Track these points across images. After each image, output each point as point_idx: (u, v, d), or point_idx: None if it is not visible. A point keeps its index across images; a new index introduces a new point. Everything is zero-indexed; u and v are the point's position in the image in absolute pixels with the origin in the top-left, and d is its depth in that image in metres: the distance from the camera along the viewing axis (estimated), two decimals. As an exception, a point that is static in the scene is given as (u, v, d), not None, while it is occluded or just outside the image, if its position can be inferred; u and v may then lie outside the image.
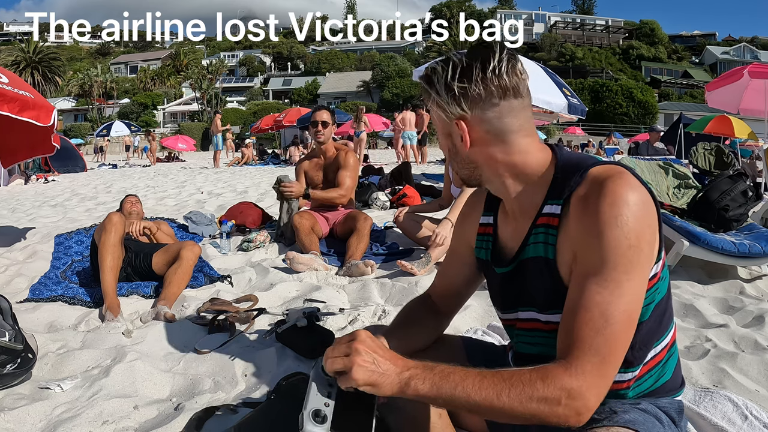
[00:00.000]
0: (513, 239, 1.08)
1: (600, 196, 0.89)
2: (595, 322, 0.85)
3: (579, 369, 0.83)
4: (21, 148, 4.04)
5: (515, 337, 1.14)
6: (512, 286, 1.09)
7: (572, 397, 0.82)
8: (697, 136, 13.09)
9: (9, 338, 1.75)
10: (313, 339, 1.97)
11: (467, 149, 1.01)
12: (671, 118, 26.11)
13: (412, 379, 0.87)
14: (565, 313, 0.91)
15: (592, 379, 0.83)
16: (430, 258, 2.97)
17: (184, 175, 11.80)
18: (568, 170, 0.99)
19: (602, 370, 0.84)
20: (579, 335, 0.86)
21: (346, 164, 3.62)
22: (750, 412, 1.45)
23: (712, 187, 3.35)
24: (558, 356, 0.88)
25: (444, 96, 0.99)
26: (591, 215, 0.90)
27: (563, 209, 0.97)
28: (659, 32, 54.58)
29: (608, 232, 0.87)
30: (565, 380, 0.82)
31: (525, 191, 1.03)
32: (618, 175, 0.91)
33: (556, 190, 0.99)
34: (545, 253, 0.99)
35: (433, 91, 1.00)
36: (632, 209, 0.88)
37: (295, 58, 56.87)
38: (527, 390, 0.82)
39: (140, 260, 2.85)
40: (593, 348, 0.84)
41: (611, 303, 0.86)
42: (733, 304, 2.47)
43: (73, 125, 39.07)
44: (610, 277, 0.86)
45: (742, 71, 6.95)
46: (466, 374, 0.86)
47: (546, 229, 0.99)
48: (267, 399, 1.44)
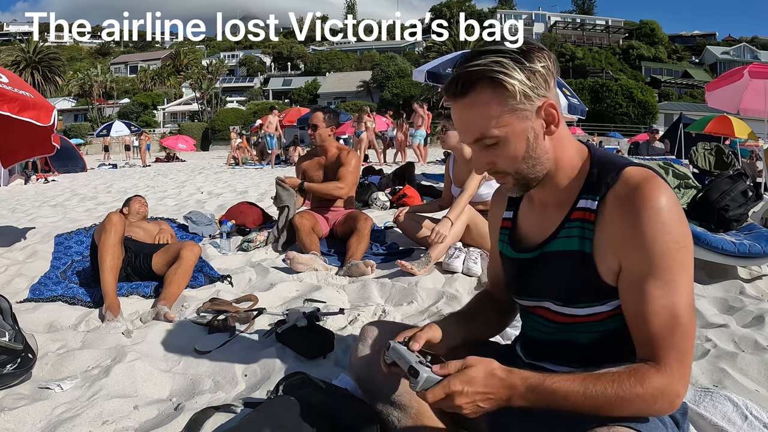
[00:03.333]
0: (538, 229, 1.10)
1: (642, 203, 0.93)
2: (668, 323, 0.92)
3: (667, 368, 0.91)
4: (21, 148, 4.04)
5: (530, 324, 1.18)
6: (529, 274, 1.11)
7: (666, 394, 0.91)
8: (697, 136, 13.09)
9: (9, 338, 1.74)
10: (313, 339, 1.96)
11: (552, 134, 1.00)
12: (671, 118, 26.11)
13: (517, 401, 0.93)
14: (635, 321, 0.96)
15: (679, 372, 0.92)
16: (430, 258, 2.97)
17: (184, 175, 11.80)
18: (603, 167, 1.02)
19: (685, 361, 0.93)
20: (658, 338, 0.93)
21: (347, 162, 3.62)
22: (750, 412, 1.45)
23: (712, 187, 3.35)
24: (641, 356, 0.95)
25: (533, 78, 0.95)
26: (635, 223, 0.94)
27: (599, 206, 0.99)
28: (659, 32, 54.57)
29: (658, 239, 0.92)
30: (658, 381, 0.90)
31: (561, 182, 1.04)
32: (654, 179, 0.95)
33: (591, 185, 1.01)
34: (581, 246, 1.01)
35: (515, 80, 0.93)
36: (673, 213, 0.93)
37: (295, 58, 56.86)
38: (629, 396, 0.90)
39: (140, 260, 2.85)
40: (673, 346, 0.92)
41: (676, 302, 0.92)
42: (733, 304, 2.47)
43: (73, 125, 38.99)
44: (668, 279, 0.92)
45: (742, 71, 6.94)
46: (567, 392, 0.91)
47: (582, 223, 1.01)
48: (267, 399, 1.44)
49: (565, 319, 1.07)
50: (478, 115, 0.96)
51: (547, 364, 1.14)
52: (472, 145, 1.01)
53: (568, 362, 1.11)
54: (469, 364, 0.94)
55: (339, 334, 2.14)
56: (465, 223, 3.15)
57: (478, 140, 0.99)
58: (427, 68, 7.07)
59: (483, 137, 0.97)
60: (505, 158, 0.99)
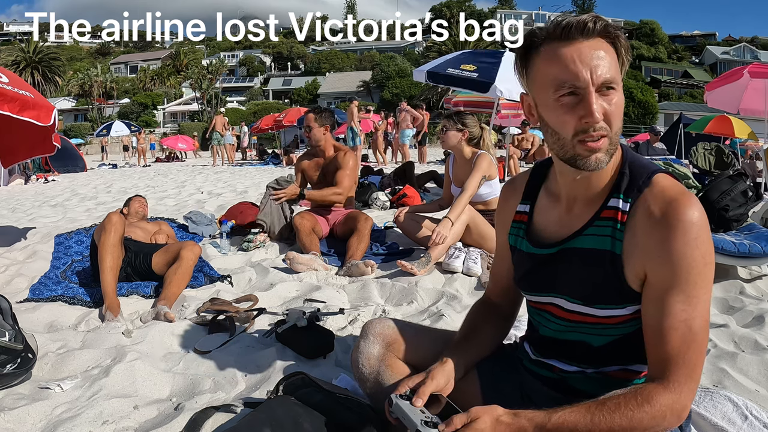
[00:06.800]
0: (560, 224, 1.09)
1: (676, 217, 0.93)
2: (684, 338, 0.92)
3: (676, 383, 0.92)
4: (21, 148, 4.04)
5: (539, 321, 1.16)
6: (545, 270, 1.10)
7: (674, 410, 0.92)
8: (697, 136, 13.09)
9: (9, 338, 1.74)
10: (313, 339, 1.96)
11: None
12: (671, 118, 26.11)
13: None
14: (652, 334, 0.96)
15: (687, 387, 0.93)
16: (430, 258, 2.97)
17: (184, 175, 11.80)
18: (636, 169, 1.01)
19: (694, 375, 0.94)
20: (672, 353, 0.93)
21: (345, 164, 3.62)
22: (750, 412, 1.45)
23: (712, 187, 3.35)
24: (652, 374, 0.96)
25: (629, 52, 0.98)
26: (667, 237, 0.93)
27: (631, 208, 0.99)
28: (659, 32, 54.56)
29: (688, 255, 0.92)
30: (666, 398, 0.91)
31: (598, 177, 1.02)
32: (689, 195, 0.96)
33: (623, 185, 1.01)
34: (612, 247, 1.00)
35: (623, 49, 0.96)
36: (704, 230, 0.94)
37: (295, 58, 56.86)
38: (637, 417, 0.90)
39: (140, 260, 2.85)
40: (685, 361, 0.92)
41: (695, 318, 0.93)
42: (733, 304, 2.48)
43: (73, 125, 39.01)
44: (692, 294, 0.93)
45: (742, 71, 6.93)
46: (576, 424, 0.91)
47: (614, 223, 1.00)
48: (267, 399, 1.44)
49: (579, 317, 1.06)
50: (610, 60, 0.94)
51: (556, 362, 1.13)
52: (594, 90, 0.93)
53: (578, 361, 1.09)
54: (475, 417, 0.94)
55: (339, 334, 2.14)
56: (465, 223, 3.15)
57: (604, 83, 0.93)
58: (427, 68, 7.06)
59: (611, 80, 0.93)
60: (617, 107, 0.95)
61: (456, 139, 3.39)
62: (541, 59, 0.97)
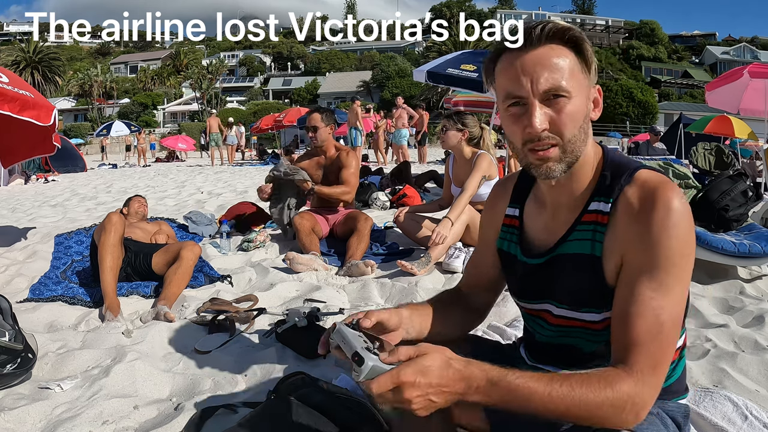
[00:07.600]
0: (548, 231, 1.07)
1: (654, 204, 0.91)
2: (650, 327, 0.88)
3: (639, 373, 0.86)
4: (21, 148, 4.04)
5: (533, 327, 1.15)
6: (537, 279, 1.08)
7: (635, 403, 0.85)
8: (697, 136, 13.08)
9: (9, 338, 1.75)
10: (313, 339, 1.96)
11: (592, 119, 0.99)
12: (671, 118, 26.10)
13: (473, 396, 0.84)
14: (619, 318, 0.92)
15: (650, 383, 0.86)
16: (430, 258, 2.97)
17: (184, 175, 11.80)
18: (616, 169, 1.00)
19: (658, 373, 0.88)
20: (637, 341, 0.88)
21: (348, 164, 3.61)
22: (750, 412, 1.45)
23: (712, 187, 3.35)
24: (615, 359, 0.90)
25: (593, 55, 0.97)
26: (645, 223, 0.91)
27: (612, 209, 0.97)
28: (659, 32, 54.59)
29: (664, 242, 0.89)
30: (629, 386, 0.84)
31: (579, 180, 1.01)
32: (668, 183, 0.93)
33: (604, 187, 0.99)
34: (592, 250, 0.99)
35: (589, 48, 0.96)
36: (684, 218, 0.91)
37: (295, 58, 56.87)
38: (596, 399, 0.83)
39: (140, 260, 2.85)
40: (650, 353, 0.87)
41: (664, 308, 0.88)
42: (733, 304, 2.47)
43: (73, 125, 39.02)
44: (664, 282, 0.89)
45: (742, 71, 6.93)
46: (531, 392, 0.83)
47: (595, 226, 0.99)
48: (267, 399, 1.44)
49: (567, 322, 1.05)
50: (563, 66, 0.92)
51: (552, 368, 1.12)
52: (537, 100, 0.92)
53: (572, 367, 1.08)
54: (423, 352, 0.83)
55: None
56: (465, 223, 3.15)
57: (548, 91, 0.92)
58: (427, 68, 7.06)
59: (556, 89, 0.91)
60: (568, 115, 0.92)
61: (456, 139, 3.39)
62: (498, 70, 0.98)
